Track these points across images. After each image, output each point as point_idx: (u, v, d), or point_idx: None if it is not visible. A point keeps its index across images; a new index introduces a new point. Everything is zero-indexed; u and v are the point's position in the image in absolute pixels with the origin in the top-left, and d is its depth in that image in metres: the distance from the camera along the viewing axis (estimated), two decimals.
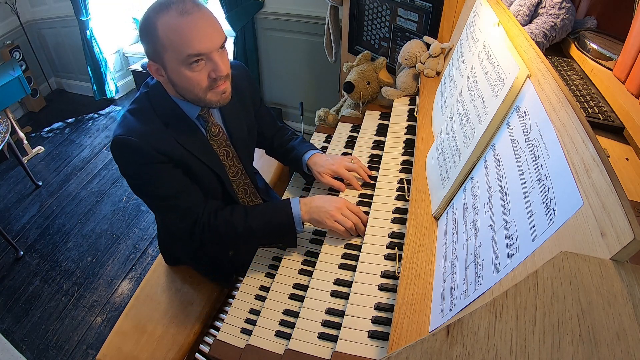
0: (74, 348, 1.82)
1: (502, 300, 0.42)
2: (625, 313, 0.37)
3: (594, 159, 0.47)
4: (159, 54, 0.85)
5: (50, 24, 3.44)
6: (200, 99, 0.91)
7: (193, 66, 0.85)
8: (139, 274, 2.13)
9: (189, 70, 0.86)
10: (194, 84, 0.88)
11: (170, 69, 0.87)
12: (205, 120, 1.03)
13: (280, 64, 2.76)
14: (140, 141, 0.90)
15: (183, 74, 0.86)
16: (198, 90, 0.89)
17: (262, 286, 1.05)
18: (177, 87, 0.91)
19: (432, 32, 1.39)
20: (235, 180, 1.15)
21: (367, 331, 0.79)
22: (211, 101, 0.92)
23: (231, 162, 1.12)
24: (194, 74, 0.87)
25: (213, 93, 0.91)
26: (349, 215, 1.01)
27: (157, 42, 0.84)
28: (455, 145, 0.87)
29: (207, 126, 1.04)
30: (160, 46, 0.84)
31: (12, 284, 2.12)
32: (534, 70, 0.69)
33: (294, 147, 1.27)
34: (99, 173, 2.83)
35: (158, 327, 1.17)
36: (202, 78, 0.88)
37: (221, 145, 1.08)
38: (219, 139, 1.07)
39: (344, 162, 1.16)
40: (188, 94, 0.91)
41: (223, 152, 1.09)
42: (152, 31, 0.83)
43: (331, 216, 1.00)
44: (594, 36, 1.09)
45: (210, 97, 0.91)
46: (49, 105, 3.64)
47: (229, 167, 1.11)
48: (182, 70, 0.86)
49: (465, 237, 0.70)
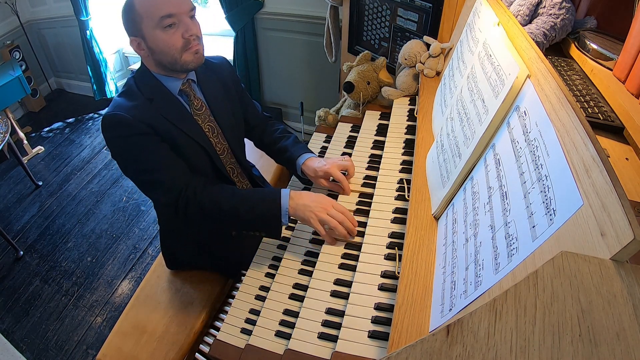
0: (74, 348, 1.82)
1: (502, 300, 0.42)
2: (625, 313, 0.37)
3: (594, 159, 0.47)
4: (138, 26, 0.97)
5: (50, 24, 3.44)
6: (176, 60, 1.00)
7: (167, 30, 0.96)
8: (139, 274, 2.13)
9: (164, 33, 0.97)
10: (169, 46, 0.98)
11: (148, 36, 0.98)
12: (187, 95, 1.10)
13: (280, 64, 2.76)
14: (126, 114, 0.97)
15: (159, 37, 0.97)
16: (174, 51, 0.99)
17: (262, 286, 1.05)
18: (155, 54, 1.00)
19: (432, 32, 1.39)
20: (223, 158, 1.19)
21: (367, 331, 0.79)
22: (186, 61, 1.01)
23: (217, 138, 1.16)
24: (168, 36, 0.97)
25: (188, 53, 1.00)
26: (334, 214, 0.99)
27: (135, 15, 0.96)
28: (455, 145, 0.87)
29: (189, 101, 1.10)
30: (138, 17, 0.96)
31: (12, 284, 2.12)
32: (534, 70, 0.69)
33: (287, 148, 1.27)
34: (99, 173, 2.83)
35: (158, 327, 1.17)
36: (176, 39, 0.98)
37: (205, 121, 1.13)
38: (202, 113, 1.12)
39: (336, 162, 1.16)
40: (165, 57, 1.00)
41: (208, 128, 1.14)
42: (131, 7, 0.96)
43: (316, 215, 0.99)
44: (594, 36, 1.09)
45: (185, 57, 1.00)
46: (49, 105, 3.64)
47: (214, 143, 1.15)
48: (158, 34, 0.97)
49: (465, 237, 0.70)
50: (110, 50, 3.40)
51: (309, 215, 0.99)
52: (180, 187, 1.03)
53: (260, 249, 1.14)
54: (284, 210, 1.02)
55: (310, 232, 1.11)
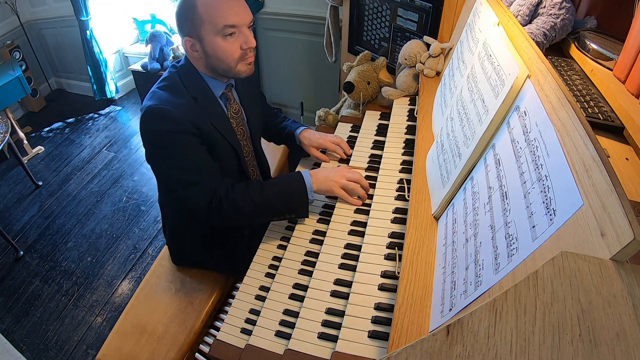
0: (74, 348, 1.82)
1: (502, 300, 0.42)
2: (625, 313, 0.37)
3: (594, 159, 0.47)
4: (197, 28, 0.97)
5: (50, 24, 3.44)
6: (231, 68, 1.03)
7: (227, 38, 0.98)
8: (139, 274, 2.13)
9: (224, 41, 0.99)
10: (227, 54, 1.00)
11: (206, 41, 0.99)
12: (227, 99, 1.14)
13: (280, 64, 2.76)
14: (175, 110, 0.98)
15: (219, 44, 0.99)
16: (231, 60, 1.02)
17: (262, 286, 1.05)
18: (210, 58, 1.02)
19: (432, 32, 1.40)
20: (248, 160, 1.25)
21: (367, 331, 0.79)
22: (240, 71, 1.05)
23: (245, 141, 1.22)
24: (228, 44, 0.99)
25: (243, 64, 1.04)
26: (351, 177, 1.12)
27: (195, 17, 0.96)
28: (455, 145, 0.87)
29: (228, 104, 1.15)
30: (199, 20, 0.96)
31: (12, 284, 2.12)
32: (534, 70, 0.69)
33: (286, 126, 1.42)
34: (99, 173, 2.83)
35: (158, 327, 1.17)
36: (235, 49, 1.00)
37: (239, 124, 1.18)
38: (238, 117, 1.17)
39: (329, 137, 1.33)
40: (220, 64, 1.02)
41: (240, 131, 1.19)
42: (192, 8, 0.95)
43: (336, 183, 1.10)
44: (594, 36, 1.09)
45: (240, 67, 1.04)
46: (49, 105, 3.64)
47: (243, 146, 1.20)
48: (217, 41, 0.98)
49: (465, 237, 0.70)
50: (110, 50, 3.41)
51: (331, 184, 1.10)
52: (215, 188, 1.06)
53: (261, 248, 1.14)
54: (309, 187, 1.11)
55: (311, 232, 1.11)
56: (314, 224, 1.14)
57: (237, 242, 1.31)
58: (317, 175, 1.12)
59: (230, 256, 1.29)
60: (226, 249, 1.30)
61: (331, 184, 1.10)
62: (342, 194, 1.11)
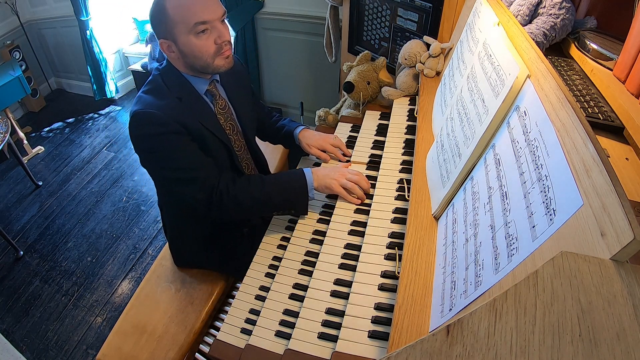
0: (74, 348, 1.82)
1: (502, 300, 0.42)
2: (625, 313, 0.37)
3: (594, 159, 0.47)
4: (170, 30, 0.98)
5: (50, 24, 3.44)
6: (208, 64, 1.02)
7: (200, 35, 0.98)
8: (139, 274, 2.13)
9: (197, 39, 0.98)
10: (203, 51, 1.00)
11: (180, 41, 0.99)
12: (213, 95, 1.14)
13: (280, 64, 2.76)
14: (160, 112, 0.98)
15: (192, 42, 0.98)
16: (207, 56, 1.01)
17: (262, 286, 1.05)
18: (187, 57, 1.02)
19: (432, 32, 1.39)
20: (240, 154, 1.24)
21: (367, 331, 0.79)
22: (218, 66, 1.04)
23: (236, 136, 1.21)
24: (202, 41, 0.99)
25: (220, 58, 1.03)
26: (351, 177, 1.13)
27: (167, 19, 0.96)
28: (455, 145, 0.87)
29: (214, 100, 1.14)
30: (171, 21, 0.96)
31: (12, 284, 2.12)
32: (534, 70, 0.69)
33: (284, 125, 1.41)
34: (99, 173, 2.83)
35: (158, 327, 1.17)
36: (209, 44, 1.00)
37: (227, 120, 1.17)
38: (225, 112, 1.17)
39: (329, 138, 1.33)
40: (198, 62, 1.02)
41: (229, 126, 1.18)
42: (162, 10, 0.96)
43: (336, 181, 1.12)
44: (594, 36, 1.09)
45: (217, 62, 1.03)
46: (49, 105, 3.63)
47: (234, 141, 1.20)
48: (191, 39, 0.98)
49: (465, 237, 0.70)
50: (110, 50, 3.41)
51: (331, 182, 1.12)
52: (214, 183, 1.07)
53: (261, 248, 1.14)
54: (310, 185, 1.12)
55: (311, 232, 1.11)
56: (314, 224, 1.14)
57: (237, 242, 1.31)
58: (318, 172, 1.14)
59: (230, 256, 1.29)
60: (226, 249, 1.30)
61: (331, 181, 1.12)
62: (341, 192, 1.12)
